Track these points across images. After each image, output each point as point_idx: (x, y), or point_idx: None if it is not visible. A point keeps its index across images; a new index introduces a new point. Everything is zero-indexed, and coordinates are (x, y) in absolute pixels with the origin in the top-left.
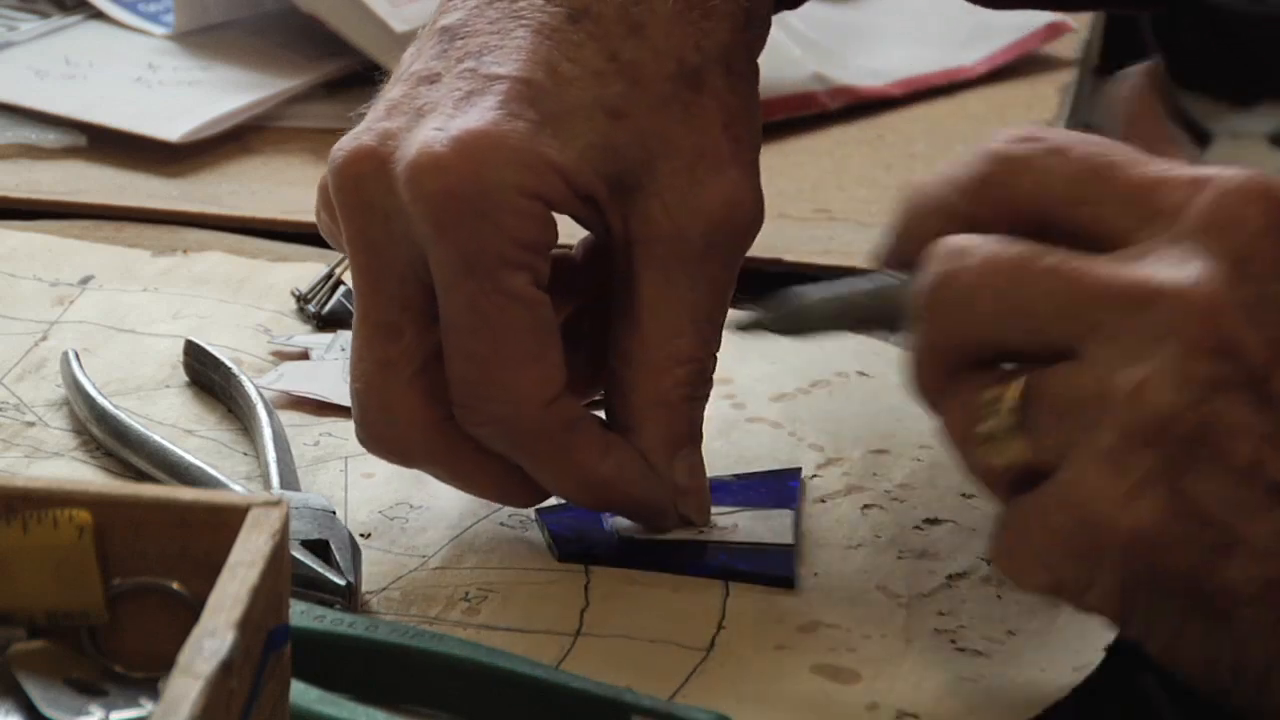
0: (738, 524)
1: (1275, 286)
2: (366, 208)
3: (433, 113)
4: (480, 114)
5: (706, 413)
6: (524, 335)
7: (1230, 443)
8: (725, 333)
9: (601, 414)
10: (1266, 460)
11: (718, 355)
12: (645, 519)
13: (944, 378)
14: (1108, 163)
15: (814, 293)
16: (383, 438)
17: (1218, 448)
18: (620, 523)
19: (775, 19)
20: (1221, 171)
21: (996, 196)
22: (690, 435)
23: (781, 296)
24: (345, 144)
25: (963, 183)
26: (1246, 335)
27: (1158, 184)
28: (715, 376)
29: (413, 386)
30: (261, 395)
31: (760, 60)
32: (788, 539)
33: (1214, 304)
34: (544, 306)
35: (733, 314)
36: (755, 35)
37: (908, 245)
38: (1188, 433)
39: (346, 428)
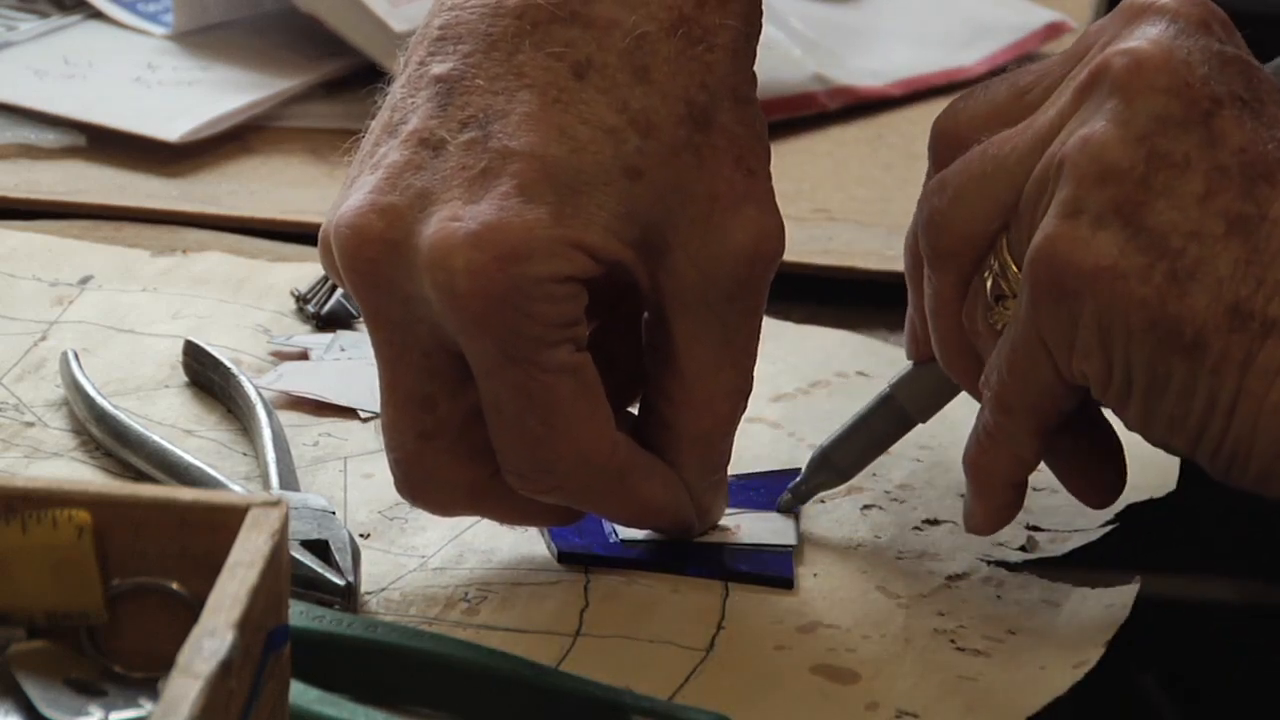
0: (740, 525)
1: (1210, 41)
2: (385, 290)
3: (445, 194)
4: (499, 204)
5: None
6: (575, 403)
7: (1181, 176)
8: None
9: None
10: (1219, 191)
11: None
12: (673, 533)
13: (958, 295)
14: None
15: (837, 439)
16: (430, 500)
17: (1169, 181)
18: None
19: (775, 19)
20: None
21: (946, 145)
22: (725, 462)
23: (814, 457)
24: (349, 218)
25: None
26: (1188, 75)
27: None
28: None
29: (455, 453)
30: (261, 395)
31: (760, 61)
32: (790, 540)
33: (1152, 53)
34: (588, 368)
35: (780, 500)
36: (753, 50)
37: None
38: (1136, 169)
39: (346, 428)
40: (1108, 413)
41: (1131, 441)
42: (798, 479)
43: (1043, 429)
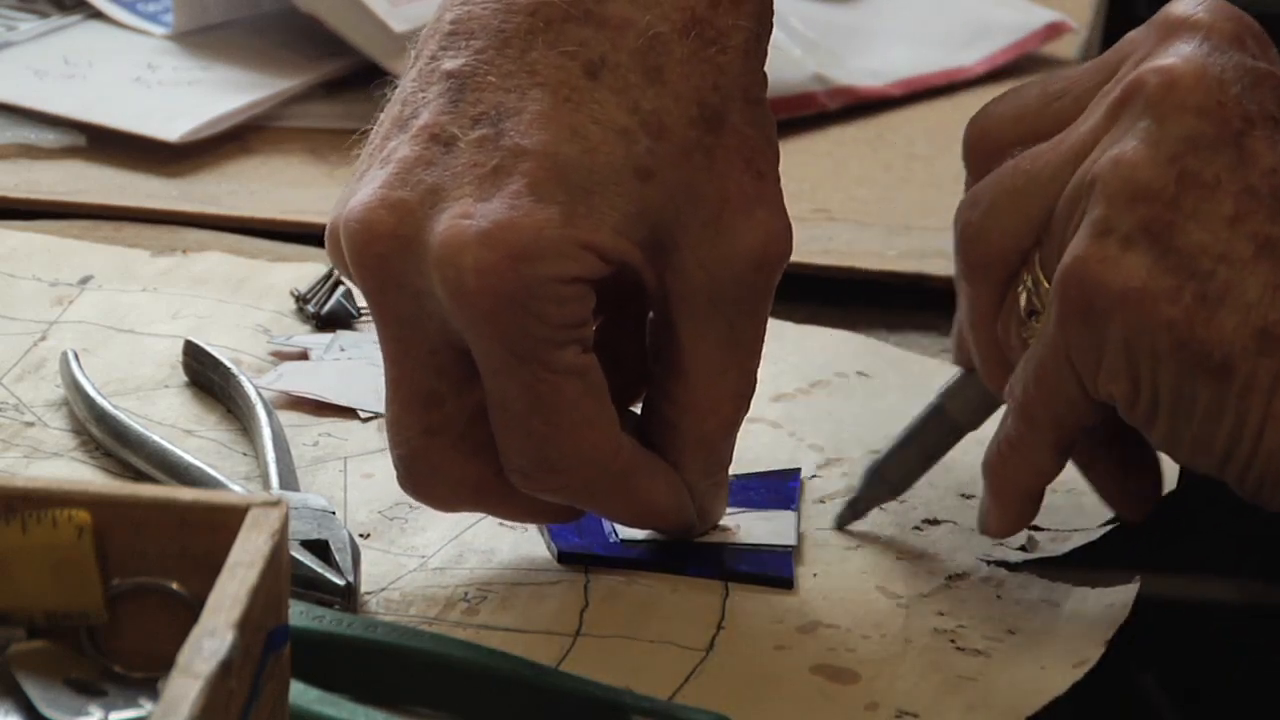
0: (740, 525)
1: (1244, 57)
2: (394, 286)
3: (455, 191)
4: (510, 202)
5: None
6: (580, 403)
7: (1211, 197)
8: None
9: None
10: (1249, 213)
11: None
12: (673, 533)
13: (993, 308)
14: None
15: (888, 455)
16: (433, 496)
17: (1199, 203)
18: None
19: (775, 19)
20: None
21: (982, 154)
22: (726, 463)
23: (866, 474)
24: (359, 212)
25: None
26: (1220, 95)
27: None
28: None
29: (459, 449)
30: (261, 395)
31: None
32: (790, 540)
33: (1185, 71)
34: (595, 370)
35: (837, 517)
36: (764, 51)
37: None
38: (1166, 190)
39: (346, 428)
40: None
41: None
42: (854, 495)
43: (1064, 443)
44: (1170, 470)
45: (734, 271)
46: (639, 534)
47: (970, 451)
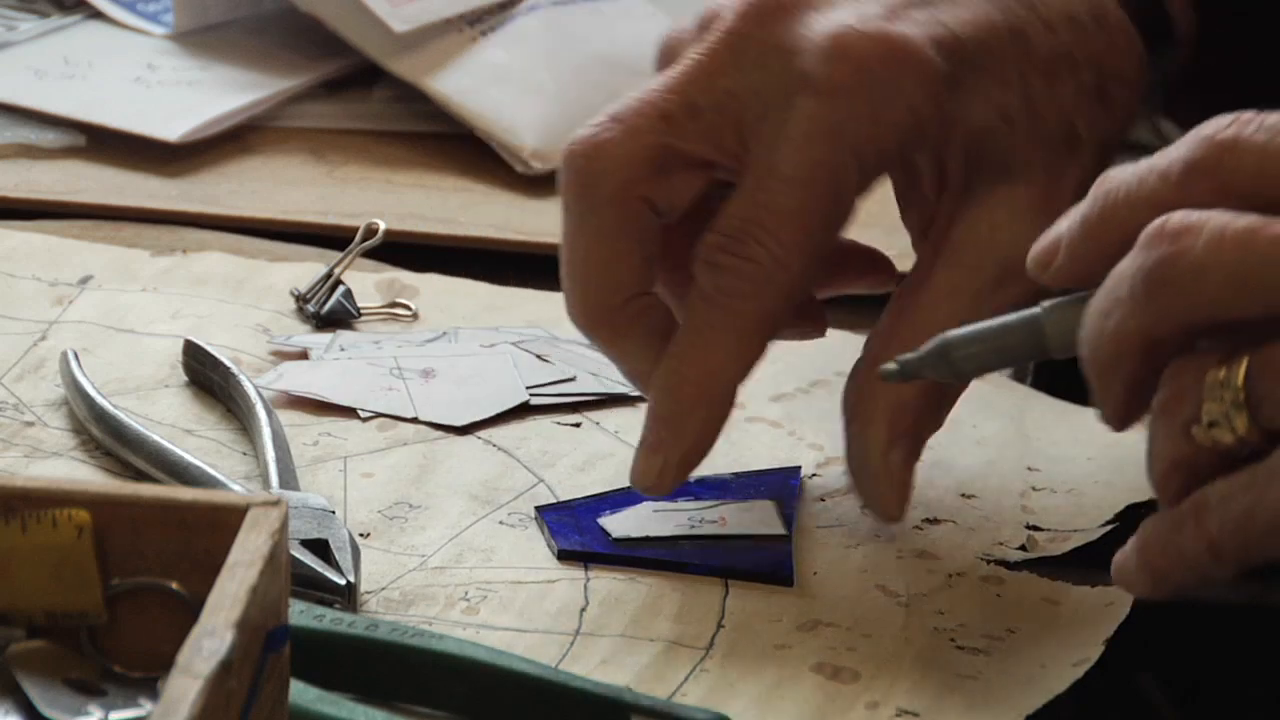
0: (724, 516)
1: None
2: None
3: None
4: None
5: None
6: (836, 210)
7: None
8: None
9: None
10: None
11: None
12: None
13: (1153, 363)
14: None
15: (964, 335)
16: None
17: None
18: (619, 524)
19: None
20: None
21: (1212, 182)
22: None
23: (935, 342)
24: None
25: (1172, 170)
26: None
27: None
28: None
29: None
30: (261, 395)
31: None
32: (778, 528)
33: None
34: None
35: (884, 366)
36: (1129, 131)
37: (1105, 240)
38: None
39: (346, 427)
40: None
41: (1131, 440)
42: (913, 354)
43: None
44: None
45: (996, 257)
46: (634, 533)
47: (970, 453)
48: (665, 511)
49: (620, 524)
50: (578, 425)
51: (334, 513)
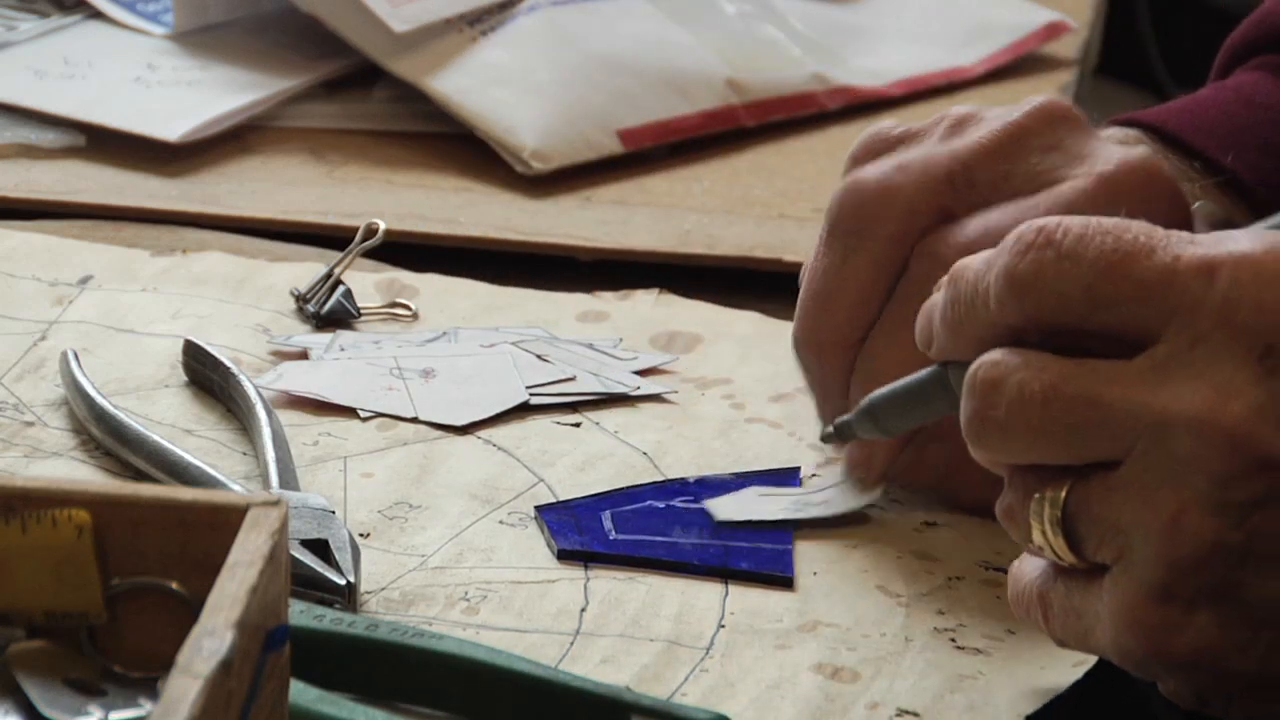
0: (828, 499)
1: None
2: None
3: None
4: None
5: (705, 412)
6: None
7: (1278, 548)
8: (728, 335)
9: None
10: None
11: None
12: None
13: (996, 471)
14: (1121, 259)
15: (884, 394)
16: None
17: (1267, 556)
18: (723, 507)
19: (775, 19)
20: (1231, 250)
21: (1024, 312)
22: None
23: (863, 404)
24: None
25: (992, 300)
26: (1276, 443)
27: (1169, 278)
28: (714, 377)
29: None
30: (261, 395)
31: (760, 61)
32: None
33: (1237, 430)
34: None
35: (824, 430)
36: None
37: (956, 345)
38: (1233, 551)
39: (346, 427)
40: None
41: None
42: (844, 419)
43: None
44: None
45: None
46: (739, 517)
47: None
48: (770, 496)
49: (724, 507)
50: (578, 425)
51: (334, 513)
